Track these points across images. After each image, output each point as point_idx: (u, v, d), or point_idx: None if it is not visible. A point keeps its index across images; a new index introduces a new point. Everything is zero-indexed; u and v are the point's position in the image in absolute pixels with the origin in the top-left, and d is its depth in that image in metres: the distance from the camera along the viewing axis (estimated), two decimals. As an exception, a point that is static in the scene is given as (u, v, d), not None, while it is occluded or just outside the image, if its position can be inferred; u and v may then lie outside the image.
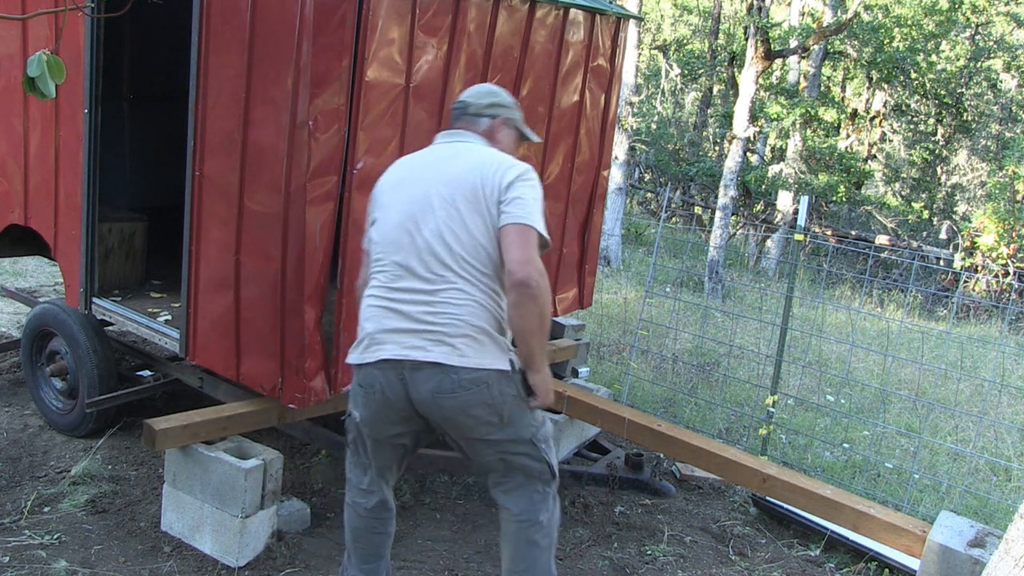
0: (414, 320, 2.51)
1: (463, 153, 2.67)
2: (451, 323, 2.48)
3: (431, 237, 2.54)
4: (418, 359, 2.48)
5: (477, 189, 2.54)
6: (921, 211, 15.88)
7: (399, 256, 2.57)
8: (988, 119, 17.93)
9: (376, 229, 2.68)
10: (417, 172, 2.67)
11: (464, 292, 2.50)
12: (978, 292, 11.25)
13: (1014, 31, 18.45)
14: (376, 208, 2.73)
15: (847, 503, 3.25)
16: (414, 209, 2.59)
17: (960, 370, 6.06)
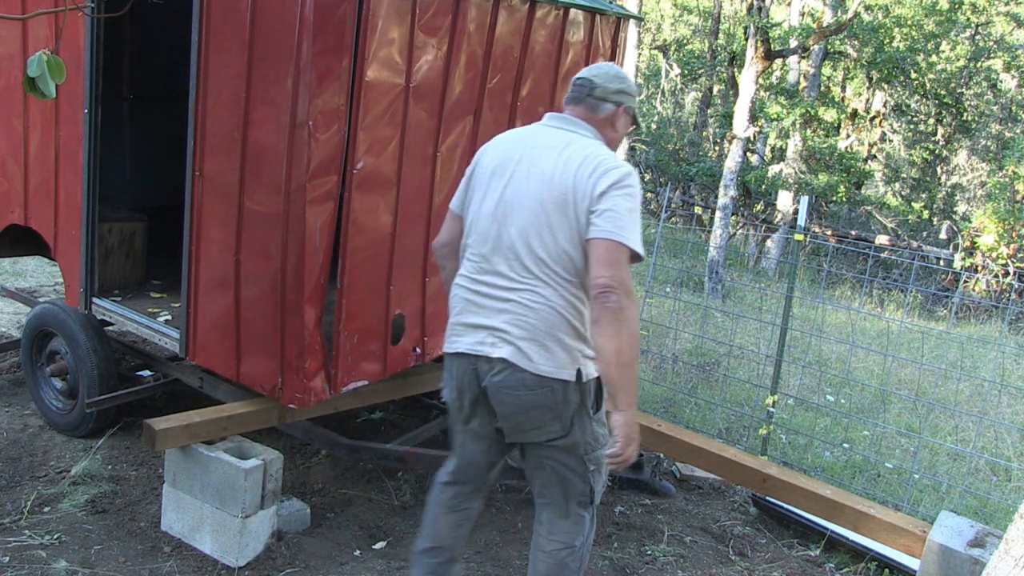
0: (489, 317, 2.49)
1: (565, 147, 2.55)
2: (523, 326, 2.45)
3: (517, 237, 2.49)
4: (489, 355, 2.47)
5: (568, 194, 2.45)
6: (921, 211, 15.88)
7: (486, 248, 2.54)
8: (988, 119, 17.93)
9: (471, 212, 2.63)
10: (515, 160, 2.57)
11: (542, 296, 2.45)
12: (978, 292, 11.25)
13: (1014, 31, 18.45)
14: (473, 187, 2.67)
15: (847, 503, 3.25)
16: (505, 203, 2.53)
17: (960, 370, 6.06)
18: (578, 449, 2.55)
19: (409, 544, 3.57)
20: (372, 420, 4.72)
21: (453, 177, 3.78)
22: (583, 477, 2.59)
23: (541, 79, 4.11)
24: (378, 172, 3.34)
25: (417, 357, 3.84)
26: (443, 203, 3.75)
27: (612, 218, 2.40)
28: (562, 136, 2.59)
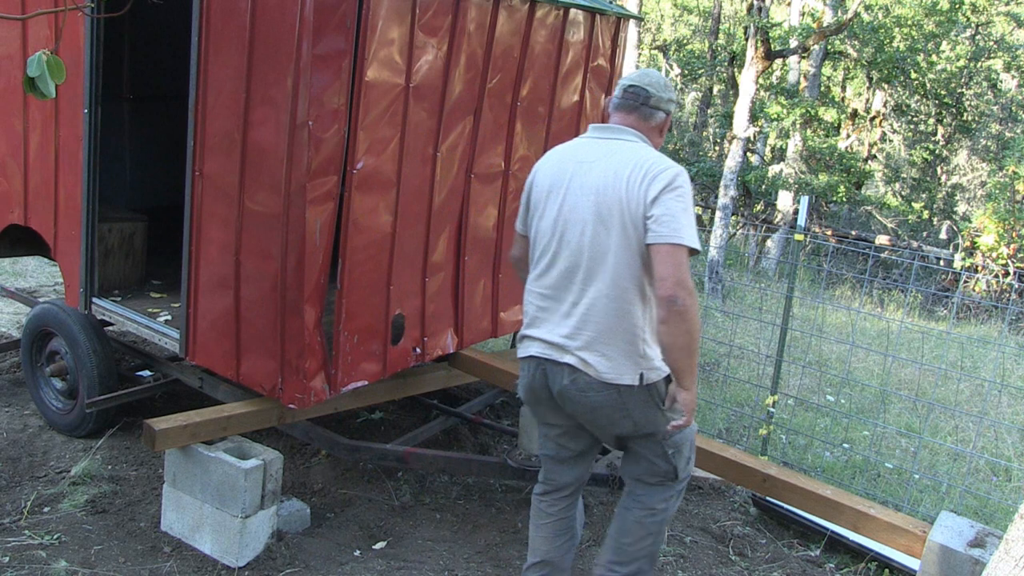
0: (556, 327, 2.66)
1: (611, 156, 2.63)
2: (584, 334, 2.59)
3: (575, 250, 2.61)
4: (557, 360, 2.65)
5: (623, 204, 2.54)
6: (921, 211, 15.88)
7: (546, 260, 2.70)
8: (988, 119, 17.93)
9: (533, 229, 2.78)
10: (567, 176, 2.68)
11: (601, 306, 2.57)
12: (978, 292, 11.25)
13: (1014, 31, 18.45)
14: (532, 205, 2.79)
15: (847, 503, 3.25)
16: (563, 219, 2.65)
17: (960, 370, 6.06)
18: (656, 437, 2.71)
19: (409, 544, 3.57)
20: (372, 420, 4.72)
21: (453, 177, 3.78)
22: (665, 459, 2.76)
23: (541, 79, 4.11)
24: (378, 172, 3.34)
25: (417, 357, 3.84)
26: (443, 203, 3.76)
27: (668, 222, 2.49)
28: (607, 146, 2.68)
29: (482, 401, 4.66)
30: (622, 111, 2.74)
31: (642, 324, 2.59)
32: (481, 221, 4.03)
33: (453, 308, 4.02)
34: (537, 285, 2.73)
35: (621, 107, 2.75)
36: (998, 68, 17.61)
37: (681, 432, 2.73)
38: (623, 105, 2.74)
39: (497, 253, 4.19)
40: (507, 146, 4.03)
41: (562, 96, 4.29)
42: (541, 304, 2.71)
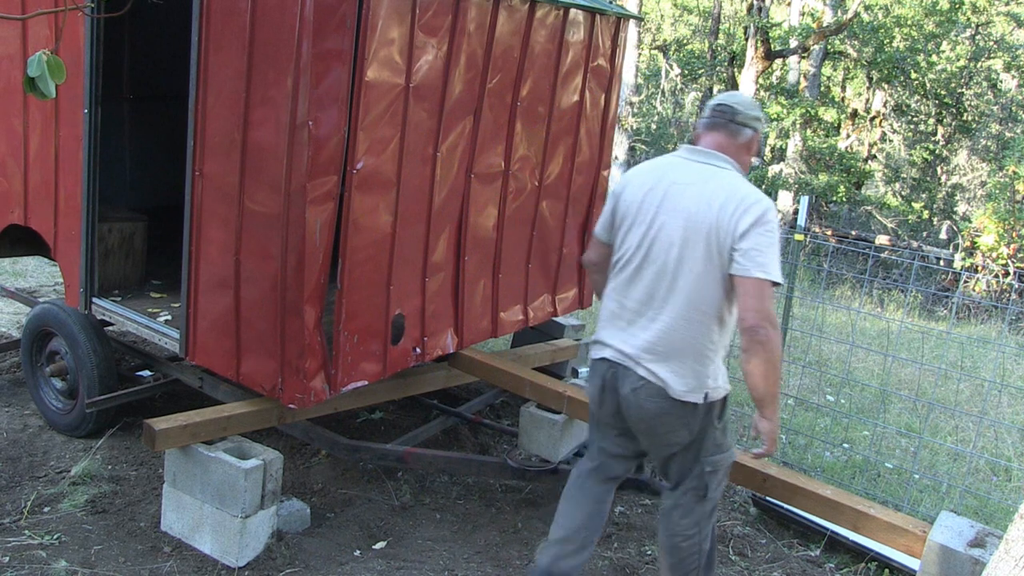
0: (632, 336, 2.76)
1: (706, 183, 2.71)
2: (659, 349, 2.70)
3: (659, 269, 2.71)
4: (629, 367, 2.76)
5: (712, 232, 2.63)
6: (921, 211, 15.88)
7: (629, 271, 2.79)
8: (988, 119, 17.93)
9: (619, 239, 2.86)
10: (660, 195, 2.76)
11: (678, 325, 2.68)
12: (978, 292, 11.25)
13: (1014, 31, 18.45)
14: (620, 217, 2.87)
15: (847, 503, 3.25)
16: (652, 237, 2.74)
17: (960, 370, 6.06)
18: (701, 453, 2.81)
19: (409, 544, 3.57)
20: (372, 420, 4.72)
21: (453, 177, 3.78)
22: (700, 476, 2.83)
23: (541, 79, 4.11)
24: (378, 172, 3.34)
25: (417, 357, 3.84)
26: (443, 203, 3.76)
27: (755, 256, 2.58)
28: (703, 171, 2.75)
29: (482, 401, 4.67)
30: (711, 130, 2.83)
31: (714, 346, 2.71)
32: (481, 221, 4.03)
33: (453, 308, 4.02)
34: (618, 294, 2.83)
35: (710, 126, 2.83)
36: (998, 68, 17.61)
37: (722, 454, 2.84)
38: (712, 124, 2.83)
39: (497, 253, 4.19)
40: (507, 146, 4.03)
41: (562, 96, 4.29)
42: (619, 313, 2.81)
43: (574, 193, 4.60)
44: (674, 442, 2.79)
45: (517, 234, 4.29)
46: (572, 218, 4.64)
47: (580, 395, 3.94)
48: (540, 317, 4.61)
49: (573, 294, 4.85)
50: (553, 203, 4.47)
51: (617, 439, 2.97)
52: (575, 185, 4.59)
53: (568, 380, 4.62)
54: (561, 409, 3.98)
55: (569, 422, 4.13)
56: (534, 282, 4.50)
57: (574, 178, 4.56)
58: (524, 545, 3.64)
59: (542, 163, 4.30)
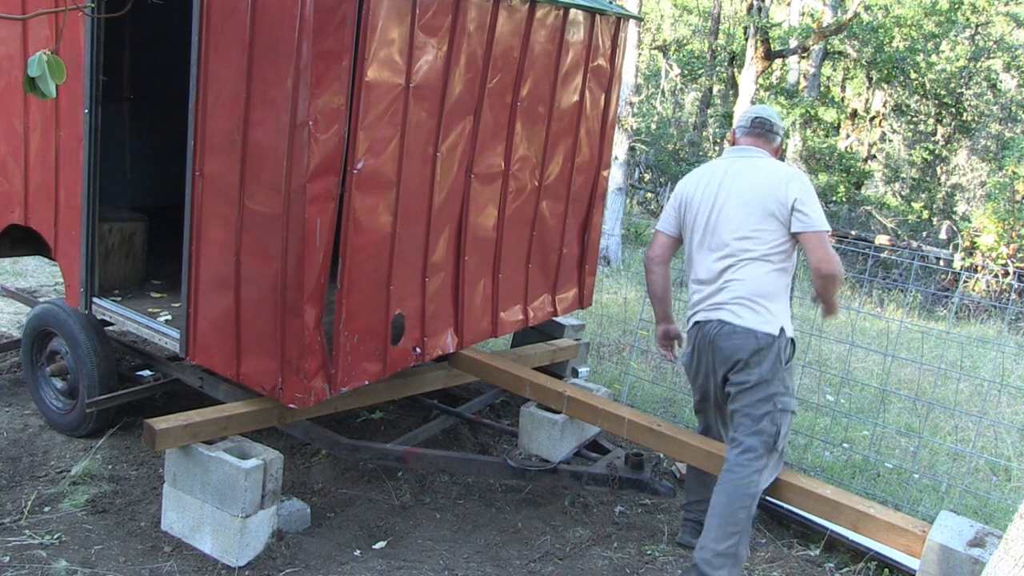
0: (715, 295, 3.36)
1: (756, 166, 3.43)
2: (736, 296, 3.31)
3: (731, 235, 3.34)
4: (711, 318, 3.35)
5: (769, 195, 3.31)
6: (921, 211, 15.89)
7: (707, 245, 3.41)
8: (988, 119, 17.93)
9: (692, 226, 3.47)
10: (716, 184, 3.43)
11: (749, 273, 3.31)
12: (978, 292, 11.25)
13: (1014, 31, 18.45)
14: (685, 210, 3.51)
15: (847, 503, 3.25)
16: (718, 215, 3.38)
17: (960, 370, 6.06)
18: (770, 391, 3.25)
19: (409, 544, 3.57)
20: (372, 420, 4.72)
21: (453, 177, 3.78)
22: (772, 418, 3.26)
23: (541, 79, 4.11)
24: (378, 172, 3.35)
25: (417, 357, 3.84)
26: (443, 203, 3.76)
27: (812, 213, 3.30)
28: (750, 162, 3.47)
29: (482, 401, 4.67)
30: (752, 136, 3.54)
31: (782, 288, 3.34)
32: (481, 221, 4.03)
33: (453, 308, 4.02)
34: (701, 271, 3.42)
35: (751, 133, 3.55)
36: (998, 68, 17.61)
37: (785, 401, 3.30)
38: (753, 131, 3.54)
39: (497, 253, 4.19)
40: (507, 146, 4.04)
41: (562, 96, 4.29)
42: (699, 285, 3.42)
43: (574, 193, 4.60)
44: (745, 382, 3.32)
45: (517, 234, 4.29)
46: (572, 218, 4.64)
47: (580, 395, 3.94)
48: (540, 317, 4.61)
49: (573, 294, 4.85)
50: (553, 203, 4.47)
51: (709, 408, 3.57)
52: (575, 185, 4.59)
53: (568, 380, 4.62)
54: (561, 409, 3.98)
55: (569, 422, 4.13)
56: (534, 282, 4.50)
57: (574, 178, 4.56)
58: (524, 545, 3.64)
59: (542, 163, 4.30)
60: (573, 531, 3.77)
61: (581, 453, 4.23)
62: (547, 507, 3.99)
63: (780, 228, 3.30)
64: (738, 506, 3.18)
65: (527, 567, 3.46)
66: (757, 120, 3.55)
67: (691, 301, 3.47)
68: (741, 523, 3.17)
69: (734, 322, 3.29)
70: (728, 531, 3.16)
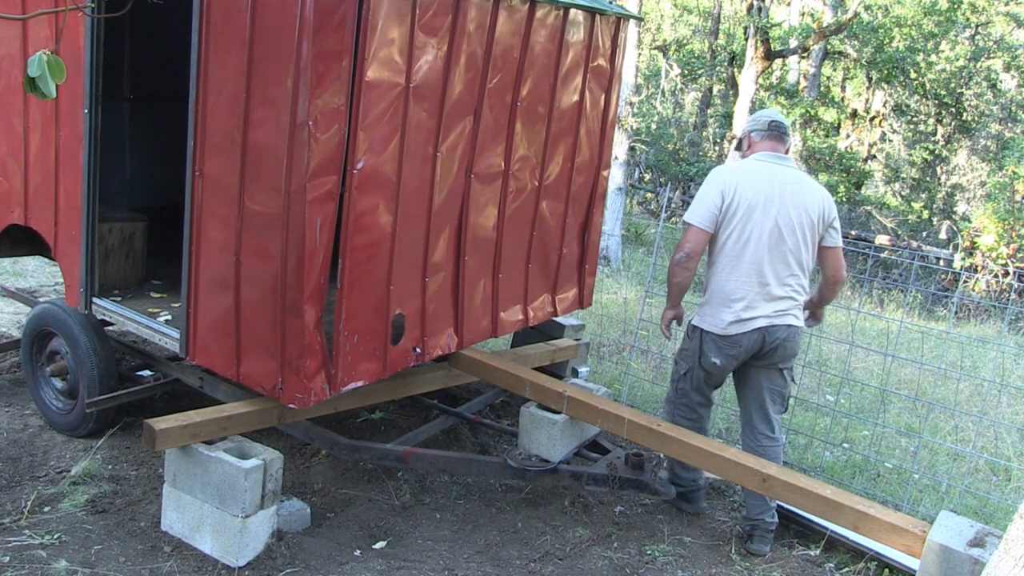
0: (775, 299, 3.70)
1: (801, 181, 3.76)
2: (796, 302, 3.76)
3: (791, 247, 3.68)
4: (776, 323, 3.70)
5: (816, 217, 3.71)
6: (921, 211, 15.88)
7: (763, 253, 3.66)
8: (988, 119, 17.92)
9: (745, 231, 3.67)
10: (775, 193, 3.67)
11: (802, 287, 3.77)
12: (978, 292, 11.24)
13: (1014, 31, 18.45)
14: (732, 213, 3.68)
15: (847, 503, 3.25)
16: (778, 226, 3.65)
17: (960, 370, 6.06)
18: (790, 362, 3.85)
19: (409, 544, 3.57)
20: (372, 420, 4.72)
21: (453, 177, 3.78)
22: (789, 381, 3.88)
23: (541, 79, 4.11)
24: (378, 172, 3.34)
25: (417, 357, 3.84)
26: (443, 203, 3.76)
27: (838, 231, 3.82)
28: (792, 173, 3.78)
29: (482, 401, 4.66)
30: (775, 140, 3.80)
31: (806, 292, 3.83)
32: (481, 221, 4.03)
33: (453, 308, 4.02)
34: (753, 275, 3.67)
35: (776, 137, 3.80)
36: (998, 68, 17.61)
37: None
38: (777, 136, 3.80)
39: (497, 253, 4.19)
40: (507, 146, 4.03)
41: (562, 96, 4.29)
42: (758, 290, 3.68)
43: (574, 193, 4.60)
44: (788, 356, 3.82)
45: (517, 234, 4.29)
46: (572, 218, 4.64)
47: (580, 395, 3.94)
48: (540, 317, 4.61)
49: (573, 294, 4.85)
50: (553, 203, 4.47)
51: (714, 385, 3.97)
52: (575, 185, 4.59)
53: (568, 380, 4.62)
54: (561, 409, 3.98)
55: (569, 422, 4.13)
56: (534, 282, 4.50)
57: (574, 178, 4.56)
58: (524, 545, 3.64)
59: (542, 163, 4.30)
60: (573, 531, 3.77)
61: (581, 453, 4.23)
62: (547, 507, 3.99)
63: (816, 241, 3.76)
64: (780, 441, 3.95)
65: (527, 567, 3.46)
66: (775, 124, 3.79)
67: (741, 296, 3.69)
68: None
69: (798, 325, 3.76)
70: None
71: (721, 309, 3.71)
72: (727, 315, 3.69)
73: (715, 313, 3.73)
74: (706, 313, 3.78)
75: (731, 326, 3.69)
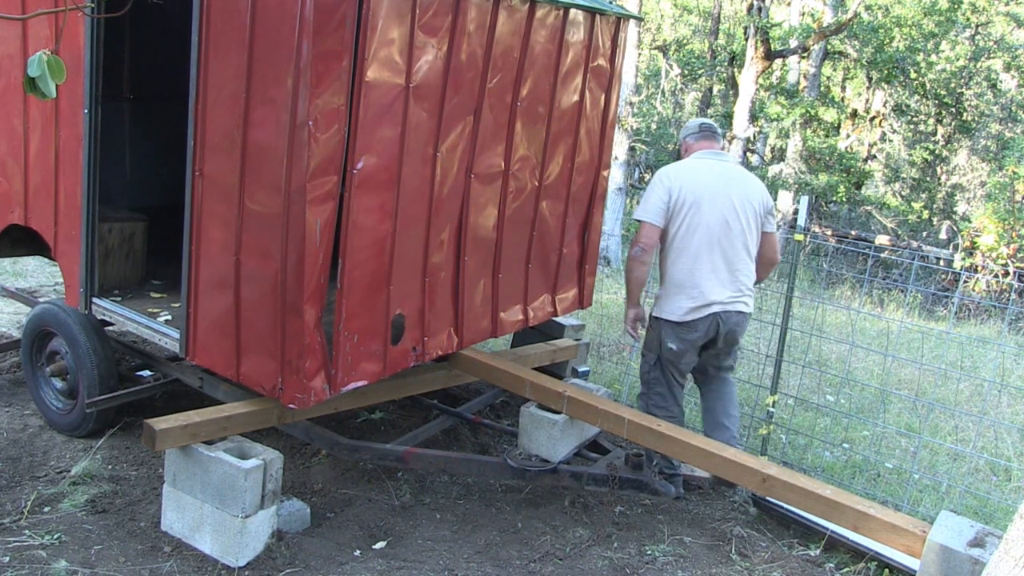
0: (726, 284, 3.94)
1: (743, 175, 4.11)
2: (747, 286, 4.03)
3: (737, 235, 3.95)
4: (730, 309, 3.95)
5: (759, 204, 4.02)
6: (921, 211, 15.88)
7: (714, 243, 3.91)
8: (988, 119, 17.91)
9: (694, 224, 3.91)
10: (719, 187, 3.95)
11: (751, 270, 4.05)
12: (978, 292, 11.24)
13: (1014, 31, 18.44)
14: (679, 208, 3.93)
15: (847, 503, 3.25)
16: (726, 217, 3.92)
17: (960, 370, 6.06)
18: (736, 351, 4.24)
19: (409, 544, 3.57)
20: (372, 420, 4.72)
21: (453, 177, 3.78)
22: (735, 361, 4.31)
23: (541, 79, 4.11)
24: (378, 172, 3.34)
25: (417, 357, 3.84)
26: (443, 203, 3.76)
27: (774, 217, 4.20)
28: (733, 167, 4.14)
29: (482, 401, 4.66)
30: (710, 139, 4.17)
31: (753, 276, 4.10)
32: (481, 221, 4.03)
33: (453, 308, 4.02)
34: (705, 264, 3.90)
35: (707, 137, 4.17)
36: (998, 68, 17.60)
37: None
38: (709, 135, 4.18)
39: (497, 253, 4.19)
40: (507, 146, 4.03)
41: (562, 96, 4.29)
42: (710, 276, 3.90)
43: (574, 193, 4.60)
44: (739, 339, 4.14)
45: (517, 234, 4.29)
46: (572, 218, 4.64)
47: (580, 395, 3.94)
48: (540, 317, 4.61)
49: (573, 294, 4.85)
50: (553, 203, 4.47)
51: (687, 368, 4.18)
52: (575, 185, 4.59)
53: (568, 380, 4.62)
54: (561, 409, 3.98)
55: (569, 422, 4.13)
56: (534, 282, 4.50)
57: (574, 178, 4.56)
58: (524, 545, 3.64)
59: (542, 163, 4.30)
60: (573, 531, 3.77)
61: (581, 453, 4.23)
62: (547, 507, 3.99)
63: (760, 228, 4.06)
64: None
65: (527, 567, 3.46)
66: (706, 125, 4.22)
67: (695, 284, 3.91)
68: None
69: (747, 312, 4.02)
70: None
71: (678, 297, 3.94)
72: (685, 302, 3.92)
73: (673, 301, 3.96)
74: (664, 303, 4.00)
75: (689, 313, 3.92)
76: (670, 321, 3.96)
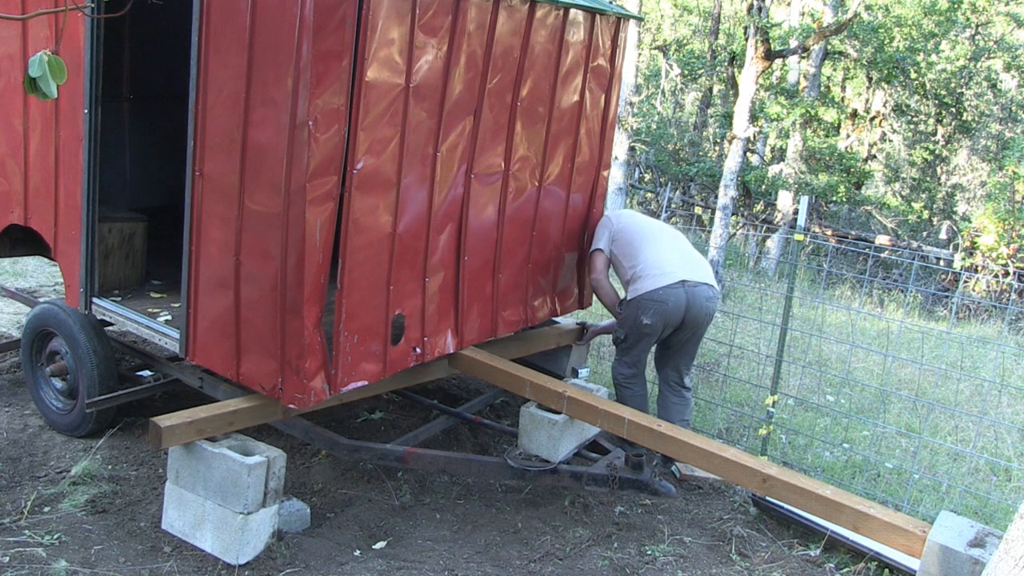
0: (690, 261, 4.37)
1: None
2: (708, 266, 4.45)
3: (677, 238, 4.53)
4: (698, 280, 4.30)
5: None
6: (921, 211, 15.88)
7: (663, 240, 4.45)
8: (988, 119, 17.91)
9: (643, 249, 4.38)
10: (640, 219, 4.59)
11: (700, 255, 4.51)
12: (978, 292, 11.24)
13: (1014, 31, 18.44)
14: (627, 227, 4.50)
15: (847, 503, 3.25)
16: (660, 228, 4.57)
17: (960, 370, 6.06)
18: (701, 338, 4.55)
19: (409, 544, 3.57)
20: (372, 420, 4.72)
21: (453, 177, 3.78)
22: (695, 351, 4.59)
23: (541, 79, 4.11)
24: (378, 172, 3.34)
25: (417, 357, 3.84)
26: (443, 203, 3.76)
27: None
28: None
29: (482, 401, 4.66)
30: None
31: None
32: (481, 221, 4.03)
33: (453, 308, 4.02)
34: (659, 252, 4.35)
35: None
36: (998, 68, 17.59)
37: None
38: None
39: (497, 253, 4.19)
40: (507, 146, 4.04)
41: (562, 96, 4.29)
42: (670, 256, 4.34)
43: (574, 193, 4.60)
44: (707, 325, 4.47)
45: (517, 234, 4.29)
46: (572, 218, 4.64)
47: (580, 395, 3.94)
48: (540, 317, 4.61)
49: (573, 294, 4.85)
50: (553, 203, 4.47)
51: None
52: (575, 185, 4.59)
53: (568, 380, 4.62)
54: (561, 409, 3.98)
55: (569, 422, 4.13)
56: (534, 282, 4.50)
57: (574, 178, 4.56)
58: (524, 545, 3.64)
59: (542, 163, 4.30)
60: (573, 531, 3.77)
61: (581, 453, 4.23)
62: (547, 507, 3.99)
63: None
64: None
65: (527, 567, 3.46)
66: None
67: (659, 266, 4.30)
68: None
69: (714, 287, 4.38)
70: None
71: (646, 280, 4.28)
72: (652, 281, 4.28)
73: (642, 284, 4.29)
74: (635, 289, 4.32)
75: (659, 288, 4.25)
76: (643, 297, 4.24)
